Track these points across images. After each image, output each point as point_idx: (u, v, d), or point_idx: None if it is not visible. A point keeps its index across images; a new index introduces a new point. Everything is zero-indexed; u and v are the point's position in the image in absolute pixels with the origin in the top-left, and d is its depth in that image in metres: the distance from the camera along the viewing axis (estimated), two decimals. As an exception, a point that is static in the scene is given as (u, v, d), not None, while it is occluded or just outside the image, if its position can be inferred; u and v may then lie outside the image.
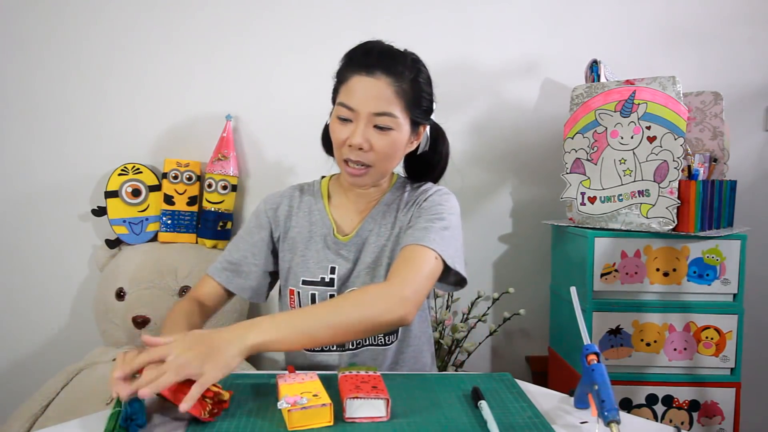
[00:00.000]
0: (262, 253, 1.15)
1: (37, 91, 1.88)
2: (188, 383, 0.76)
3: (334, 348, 1.11)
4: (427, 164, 1.18)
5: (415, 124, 1.09)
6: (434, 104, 1.13)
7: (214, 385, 0.77)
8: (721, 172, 1.68)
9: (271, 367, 1.95)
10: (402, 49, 1.09)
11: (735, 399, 1.57)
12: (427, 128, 1.14)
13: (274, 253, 1.17)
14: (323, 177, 1.22)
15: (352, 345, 1.11)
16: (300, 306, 1.12)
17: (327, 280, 1.11)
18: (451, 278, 1.07)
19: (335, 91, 1.09)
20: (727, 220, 1.65)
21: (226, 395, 0.79)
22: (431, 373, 1.09)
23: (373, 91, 1.02)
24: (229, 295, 1.15)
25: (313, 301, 1.11)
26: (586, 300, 1.56)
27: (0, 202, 1.90)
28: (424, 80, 1.08)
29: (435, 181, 1.20)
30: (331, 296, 1.10)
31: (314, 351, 1.12)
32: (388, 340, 1.12)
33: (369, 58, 1.04)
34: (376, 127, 1.03)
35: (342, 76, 1.06)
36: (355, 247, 1.12)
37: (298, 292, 1.12)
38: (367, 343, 1.11)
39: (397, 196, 1.16)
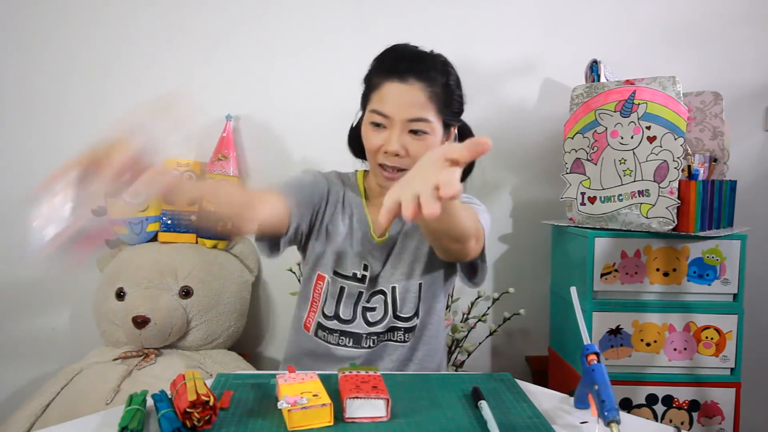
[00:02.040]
0: (310, 211, 1.10)
1: (37, 91, 1.88)
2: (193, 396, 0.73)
3: (353, 345, 1.12)
4: None
5: (446, 126, 1.09)
6: (464, 105, 1.13)
7: (199, 393, 0.73)
8: (721, 172, 1.68)
9: (271, 367, 1.95)
10: (430, 51, 1.08)
11: (735, 399, 1.57)
12: (456, 128, 1.14)
13: (310, 222, 1.12)
14: (357, 171, 1.22)
15: (372, 343, 1.11)
16: (327, 292, 1.12)
17: (359, 276, 1.12)
18: (465, 266, 1.05)
19: (365, 97, 1.08)
20: (727, 220, 1.65)
21: (212, 399, 0.74)
22: (431, 372, 1.09)
23: (407, 98, 1.01)
24: (283, 226, 1.00)
25: (342, 292, 1.12)
26: (586, 300, 1.56)
27: (0, 202, 1.90)
28: (454, 82, 1.08)
29: (462, 180, 1.20)
30: (360, 292, 1.12)
31: (336, 345, 1.12)
32: (406, 338, 1.13)
33: (400, 63, 1.03)
34: (411, 132, 1.02)
35: (373, 82, 1.05)
36: (386, 247, 1.14)
37: (329, 281, 1.12)
38: (386, 339, 1.12)
39: None
